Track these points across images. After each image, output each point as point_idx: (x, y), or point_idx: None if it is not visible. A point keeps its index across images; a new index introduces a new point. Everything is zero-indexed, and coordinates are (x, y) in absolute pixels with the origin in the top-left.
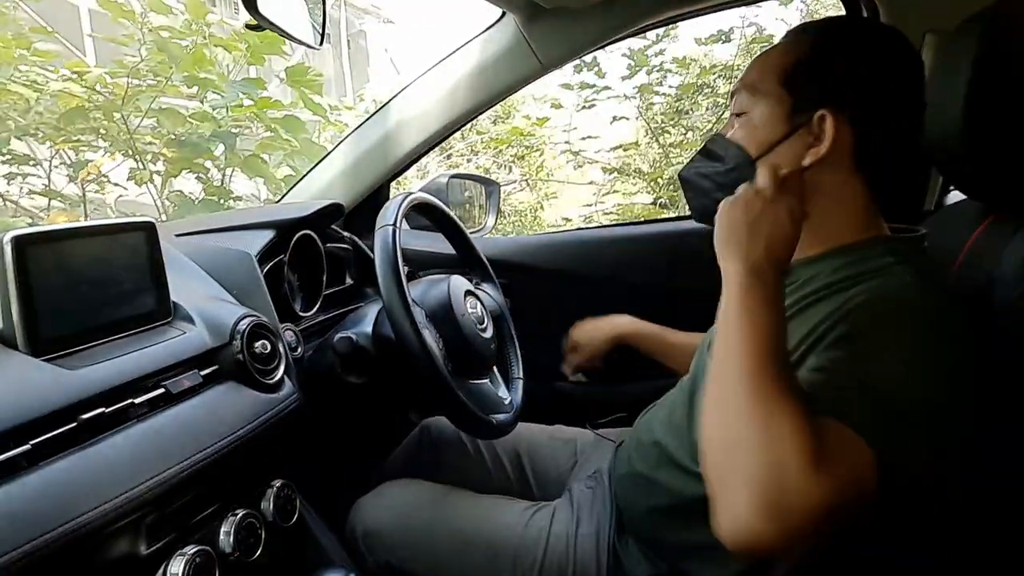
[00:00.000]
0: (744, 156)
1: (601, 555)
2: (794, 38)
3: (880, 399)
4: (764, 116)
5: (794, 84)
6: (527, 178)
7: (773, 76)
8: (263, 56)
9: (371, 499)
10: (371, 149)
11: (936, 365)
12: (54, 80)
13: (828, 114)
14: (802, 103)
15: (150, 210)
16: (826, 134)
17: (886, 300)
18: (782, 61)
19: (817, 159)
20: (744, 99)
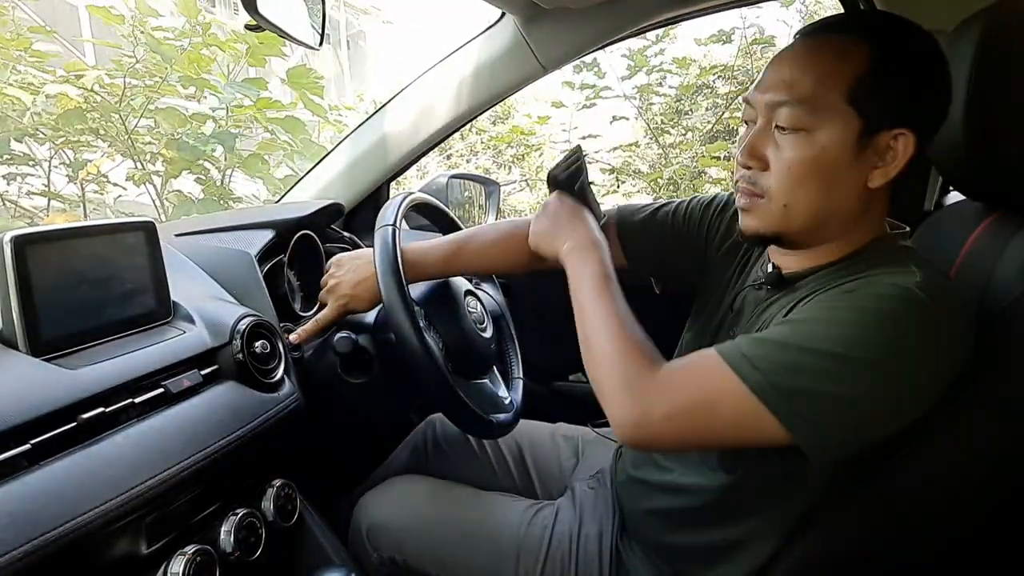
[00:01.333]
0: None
1: (604, 555)
2: (835, 43)
3: (768, 344)
4: (832, 140)
5: (863, 103)
6: (527, 178)
7: (836, 91)
8: (263, 57)
9: (376, 494)
10: (371, 149)
11: (865, 343)
12: (51, 81)
13: (906, 133)
14: (873, 124)
15: (149, 210)
16: (898, 153)
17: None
18: (843, 74)
19: (888, 179)
20: (800, 114)
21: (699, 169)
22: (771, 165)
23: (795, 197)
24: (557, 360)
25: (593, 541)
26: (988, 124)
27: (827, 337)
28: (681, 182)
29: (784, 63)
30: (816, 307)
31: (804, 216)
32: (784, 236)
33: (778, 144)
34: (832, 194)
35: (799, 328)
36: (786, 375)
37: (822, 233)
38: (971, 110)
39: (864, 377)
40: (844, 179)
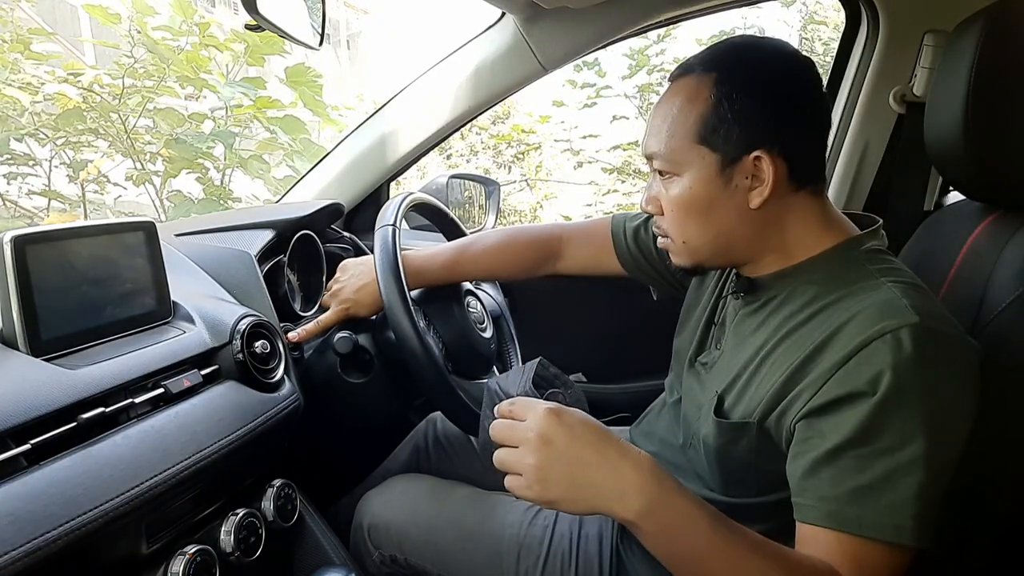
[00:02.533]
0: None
1: (604, 556)
2: (684, 85)
3: (900, 496)
4: (696, 179)
5: (711, 138)
6: (527, 178)
7: (685, 138)
8: (263, 57)
9: (377, 493)
10: (371, 149)
11: (948, 421)
12: (51, 81)
13: (762, 154)
14: (728, 154)
15: (149, 210)
16: (765, 173)
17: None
18: (686, 118)
19: (764, 199)
20: (664, 162)
21: None
22: (663, 209)
23: (687, 233)
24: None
25: (593, 541)
26: (988, 124)
27: (896, 441)
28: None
29: (654, 112)
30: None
31: (704, 248)
32: (703, 265)
33: (662, 188)
34: (716, 224)
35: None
36: (909, 506)
37: (735, 255)
38: (971, 110)
39: (940, 450)
40: (722, 208)
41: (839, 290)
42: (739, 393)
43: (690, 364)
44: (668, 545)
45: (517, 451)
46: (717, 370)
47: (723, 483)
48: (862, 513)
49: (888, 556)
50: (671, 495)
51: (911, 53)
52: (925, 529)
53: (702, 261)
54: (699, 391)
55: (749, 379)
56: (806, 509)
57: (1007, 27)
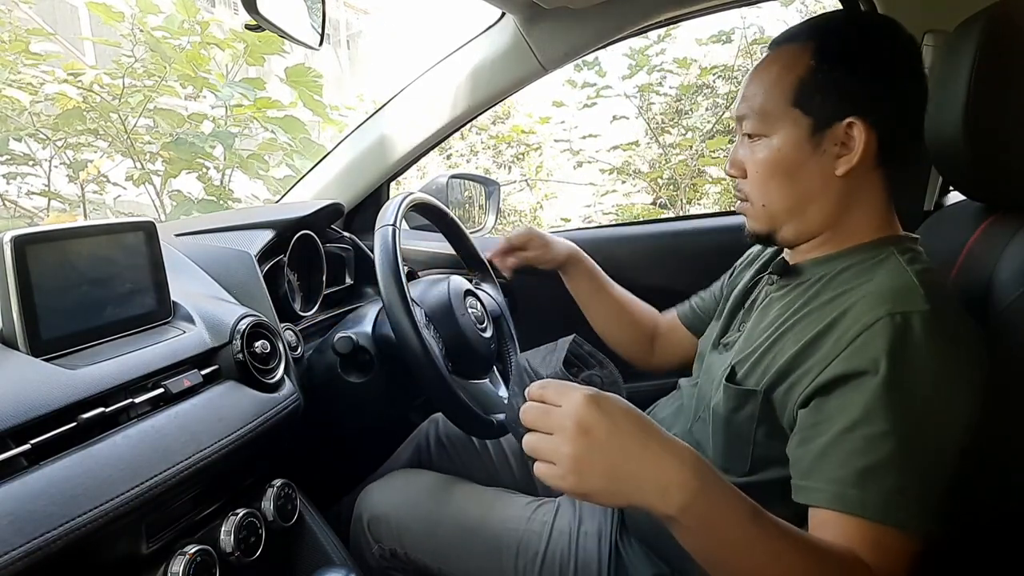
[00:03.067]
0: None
1: (603, 553)
2: (784, 52)
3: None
4: (785, 141)
5: (807, 102)
6: (527, 178)
7: (781, 99)
8: (262, 56)
9: (378, 486)
10: (371, 149)
11: (953, 408)
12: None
13: (856, 121)
14: (822, 119)
15: (149, 210)
16: (856, 141)
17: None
18: (783, 81)
19: (851, 166)
20: (756, 124)
21: (699, 168)
22: (747, 171)
23: (768, 196)
24: None
25: (592, 539)
26: (988, 124)
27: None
28: (681, 181)
29: (750, 78)
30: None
31: (783, 212)
32: (776, 232)
33: (749, 151)
34: (800, 187)
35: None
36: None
37: (808, 222)
38: (971, 110)
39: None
40: (808, 172)
41: (864, 275)
42: (753, 364)
43: (713, 346)
44: (706, 539)
45: (552, 439)
46: (737, 347)
47: (721, 455)
48: (866, 495)
49: (900, 539)
50: (712, 489)
51: None
52: (928, 514)
53: (777, 227)
54: (717, 367)
55: (764, 351)
56: (814, 492)
57: (1007, 27)
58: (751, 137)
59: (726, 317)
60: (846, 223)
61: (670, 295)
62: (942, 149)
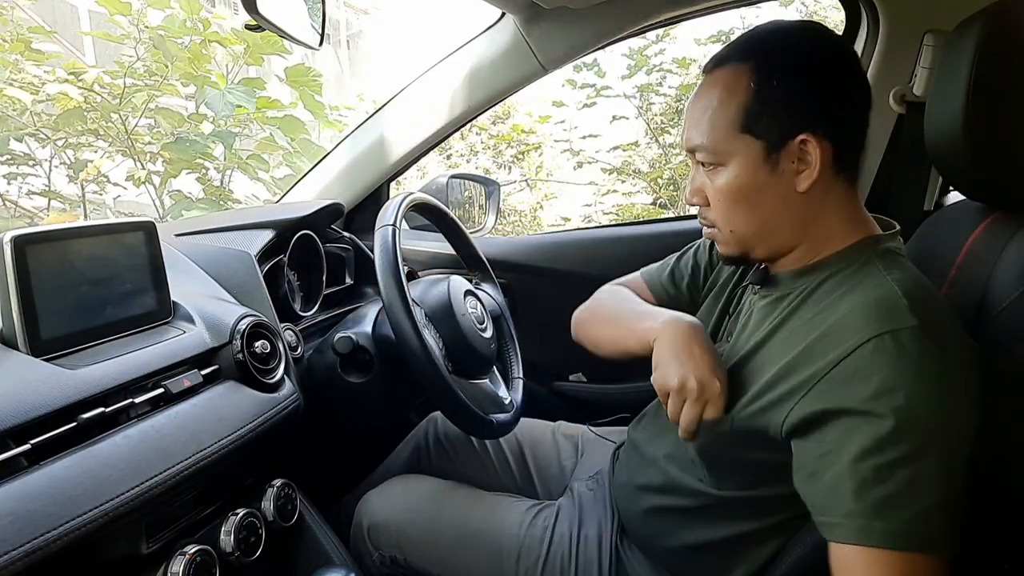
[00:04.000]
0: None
1: (604, 556)
2: (721, 76)
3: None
4: (742, 168)
5: (755, 126)
6: (527, 178)
7: (728, 128)
8: (261, 56)
9: (378, 493)
10: (371, 149)
11: (956, 426)
12: (51, 81)
13: (808, 137)
14: (774, 141)
15: (149, 210)
16: (812, 156)
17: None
18: (727, 109)
19: (812, 181)
20: (708, 155)
21: None
22: (709, 199)
23: (734, 222)
24: (557, 360)
25: (593, 542)
26: (988, 124)
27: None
28: (681, 181)
29: (691, 106)
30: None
31: (751, 235)
32: (748, 254)
33: (708, 179)
34: (764, 210)
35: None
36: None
37: (778, 242)
38: (971, 110)
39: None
40: (769, 194)
41: (844, 283)
42: (745, 385)
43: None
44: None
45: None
46: (727, 362)
47: (714, 474)
48: (888, 526)
49: (927, 563)
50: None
51: (911, 53)
52: (952, 535)
53: (749, 250)
54: None
55: (747, 366)
56: (833, 527)
57: (1007, 27)
58: (705, 165)
59: (712, 328)
60: (818, 232)
61: None
62: (942, 149)
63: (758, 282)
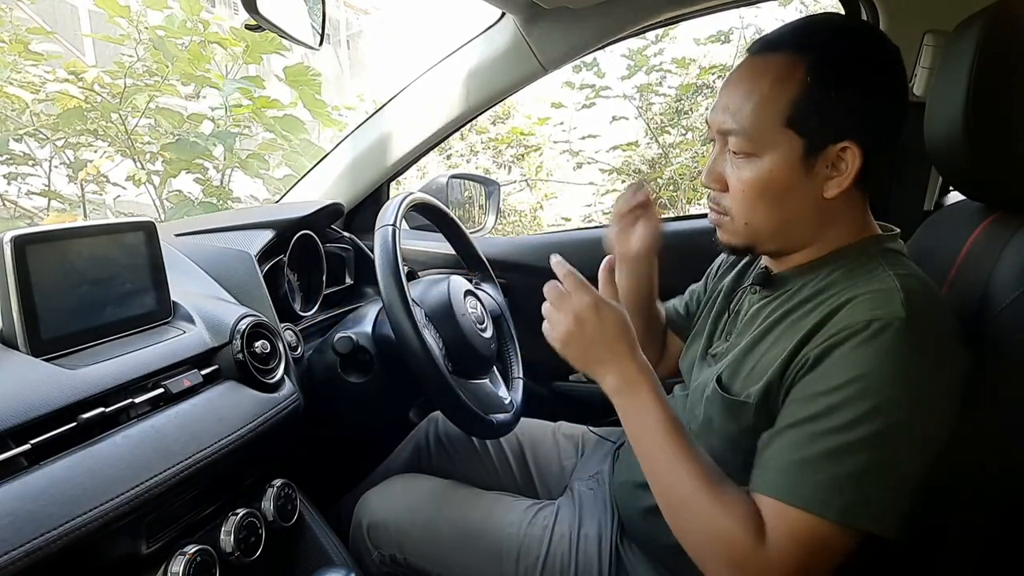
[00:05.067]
0: None
1: (604, 556)
2: (774, 64)
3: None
4: (778, 163)
5: (801, 123)
6: (527, 178)
7: (773, 119)
8: (260, 55)
9: (378, 492)
10: (371, 149)
11: (915, 416)
12: (51, 81)
13: (850, 146)
14: (816, 142)
15: (149, 210)
16: (848, 163)
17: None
18: (776, 99)
19: (842, 190)
20: (744, 142)
21: (699, 168)
22: (730, 186)
23: (753, 216)
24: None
25: (593, 542)
26: (988, 124)
27: (850, 422)
28: (681, 182)
29: (731, 87)
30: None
31: (766, 231)
32: (755, 248)
33: (733, 166)
34: (787, 210)
35: (822, 424)
36: (849, 486)
37: (790, 241)
38: (971, 110)
39: (901, 441)
40: (797, 195)
41: (846, 279)
42: (743, 375)
43: (702, 356)
44: (628, 427)
45: (558, 314)
46: (726, 359)
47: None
48: (793, 485)
49: (816, 526)
50: (633, 396)
51: (911, 53)
52: (865, 511)
53: (757, 244)
54: (708, 379)
55: (753, 361)
56: (753, 478)
57: (1007, 27)
58: (736, 153)
59: (710, 327)
60: (826, 235)
61: (670, 295)
62: (942, 149)
63: (760, 284)
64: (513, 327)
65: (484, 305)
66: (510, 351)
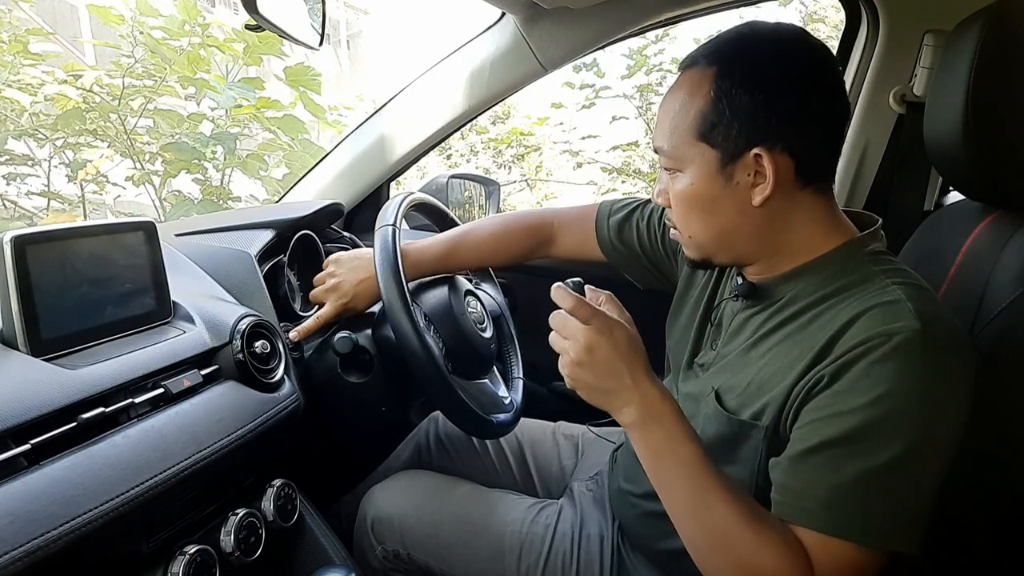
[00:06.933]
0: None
1: (605, 555)
2: (687, 79)
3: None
4: (697, 176)
5: (711, 135)
6: (527, 178)
7: (686, 133)
8: (260, 57)
9: (382, 488)
10: (371, 149)
11: (936, 429)
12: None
13: (762, 152)
14: (728, 152)
15: (149, 210)
16: (767, 170)
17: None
18: (687, 113)
19: (766, 196)
20: (668, 158)
21: None
22: (670, 202)
23: (691, 228)
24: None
25: (595, 541)
26: (988, 124)
27: (879, 444)
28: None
29: (661, 106)
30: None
31: (709, 243)
32: (709, 260)
33: (669, 183)
34: (719, 220)
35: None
36: (885, 510)
37: (740, 251)
38: (971, 110)
39: (926, 458)
40: (724, 205)
41: (843, 291)
42: (746, 394)
43: (687, 367)
44: (646, 461)
45: (566, 343)
46: (715, 370)
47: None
48: (832, 515)
49: (857, 555)
50: (654, 427)
51: (911, 53)
52: (897, 532)
53: (709, 256)
54: (696, 391)
55: (753, 378)
56: (781, 505)
57: (1007, 27)
58: (668, 169)
59: (694, 337)
60: (788, 243)
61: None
62: (942, 149)
63: (743, 295)
64: (513, 327)
65: (484, 305)
66: (510, 351)
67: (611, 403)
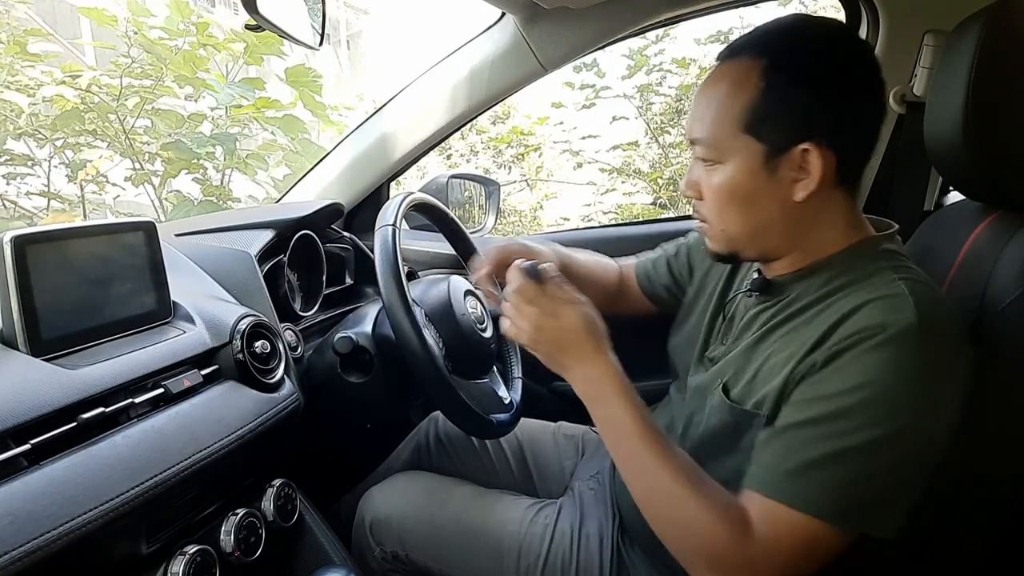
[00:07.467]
0: None
1: (605, 555)
2: (732, 69)
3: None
4: (739, 169)
5: (758, 128)
6: (527, 178)
7: (731, 125)
8: (260, 57)
9: (381, 489)
10: (371, 149)
11: (921, 422)
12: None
13: (811, 147)
14: (775, 146)
15: (148, 210)
16: (812, 166)
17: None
18: (732, 105)
19: (810, 192)
20: (708, 150)
21: None
22: (703, 194)
23: (725, 222)
24: None
25: (594, 541)
26: (988, 124)
27: (855, 427)
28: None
29: (698, 96)
30: (823, 390)
31: (742, 237)
32: (738, 254)
33: (704, 174)
34: (758, 214)
35: (826, 428)
36: (847, 489)
37: (770, 246)
38: (971, 110)
39: (906, 447)
40: (765, 199)
41: (850, 285)
42: (749, 384)
43: (698, 360)
44: (601, 432)
45: (522, 322)
46: (725, 363)
47: (713, 472)
48: (788, 485)
49: (803, 525)
50: (605, 401)
51: (911, 53)
52: (863, 513)
53: (739, 250)
54: (704, 384)
55: (757, 371)
56: (749, 477)
57: (1007, 27)
58: (704, 161)
59: (705, 330)
60: (813, 240)
61: None
62: (942, 149)
63: (757, 290)
64: None
65: (484, 305)
66: (510, 351)
67: (567, 373)
